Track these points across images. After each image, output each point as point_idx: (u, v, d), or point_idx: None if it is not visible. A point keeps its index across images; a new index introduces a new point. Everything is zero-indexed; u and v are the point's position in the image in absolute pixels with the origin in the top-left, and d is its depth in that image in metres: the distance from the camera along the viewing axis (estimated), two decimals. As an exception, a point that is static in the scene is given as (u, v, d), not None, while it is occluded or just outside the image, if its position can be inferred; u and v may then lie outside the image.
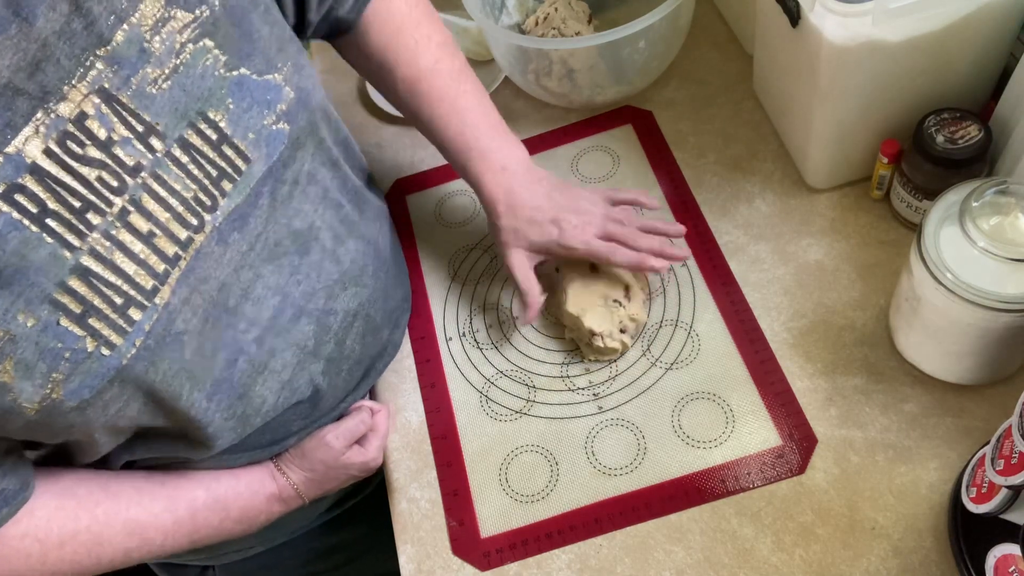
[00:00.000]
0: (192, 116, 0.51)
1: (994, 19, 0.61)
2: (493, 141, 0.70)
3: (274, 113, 0.55)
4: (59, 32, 0.44)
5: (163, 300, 0.50)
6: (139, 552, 0.59)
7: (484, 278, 0.80)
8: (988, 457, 0.50)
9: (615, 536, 0.63)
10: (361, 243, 0.68)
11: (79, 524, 0.56)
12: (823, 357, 0.67)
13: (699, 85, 0.87)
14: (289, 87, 0.56)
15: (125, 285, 0.48)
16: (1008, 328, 0.54)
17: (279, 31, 0.57)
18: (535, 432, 0.69)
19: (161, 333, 0.50)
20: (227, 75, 0.52)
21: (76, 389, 0.47)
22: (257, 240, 0.56)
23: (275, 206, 0.57)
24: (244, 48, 0.53)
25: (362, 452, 0.69)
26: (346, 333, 0.67)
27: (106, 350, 0.48)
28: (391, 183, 0.89)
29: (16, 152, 0.43)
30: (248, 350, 0.58)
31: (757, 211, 0.76)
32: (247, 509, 0.66)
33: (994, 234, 0.52)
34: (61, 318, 0.46)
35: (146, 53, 0.48)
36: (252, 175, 0.55)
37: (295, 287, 0.60)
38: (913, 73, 0.64)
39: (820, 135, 0.69)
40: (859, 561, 0.58)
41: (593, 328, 0.69)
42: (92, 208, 0.47)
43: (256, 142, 0.54)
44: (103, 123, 0.47)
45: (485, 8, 0.86)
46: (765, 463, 0.63)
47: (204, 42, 0.51)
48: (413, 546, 0.66)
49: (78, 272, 0.46)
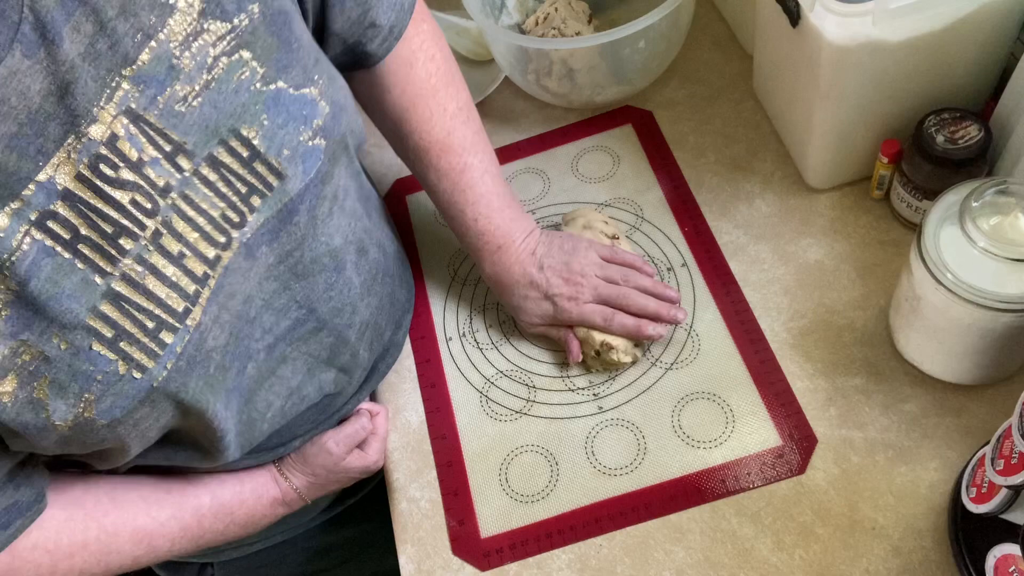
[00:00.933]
0: (223, 133, 0.49)
1: (994, 19, 0.61)
2: (490, 222, 0.70)
3: (310, 129, 0.53)
4: (84, 54, 0.43)
5: (195, 321, 0.50)
6: (147, 558, 0.60)
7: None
8: (988, 457, 0.50)
9: (615, 536, 0.63)
10: (377, 250, 0.68)
11: (88, 535, 0.56)
12: (823, 357, 0.67)
13: (699, 85, 0.87)
14: (324, 101, 0.54)
15: (157, 309, 0.48)
16: (1008, 328, 0.54)
17: (312, 40, 0.55)
18: (535, 432, 0.69)
19: (193, 353, 0.50)
20: (263, 89, 0.50)
21: (108, 409, 0.47)
22: (288, 256, 0.55)
23: (315, 224, 0.56)
24: (283, 59, 0.51)
25: (363, 456, 0.69)
26: (360, 343, 0.67)
27: (137, 373, 0.48)
28: (391, 183, 0.89)
29: (48, 179, 0.43)
30: (257, 357, 0.57)
31: (757, 211, 0.76)
32: (251, 513, 0.66)
33: (994, 234, 0.52)
34: (93, 343, 0.46)
35: (175, 70, 0.46)
36: (286, 192, 0.53)
37: (326, 304, 0.60)
38: (913, 73, 0.64)
39: (820, 135, 0.69)
40: (859, 561, 0.58)
41: (609, 341, 0.68)
42: (125, 233, 0.46)
43: (292, 159, 0.52)
44: (133, 144, 0.46)
45: (485, 8, 0.86)
46: (765, 463, 0.63)
47: (240, 54, 0.49)
48: (413, 546, 0.66)
49: (110, 297, 0.46)
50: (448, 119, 0.69)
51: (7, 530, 0.51)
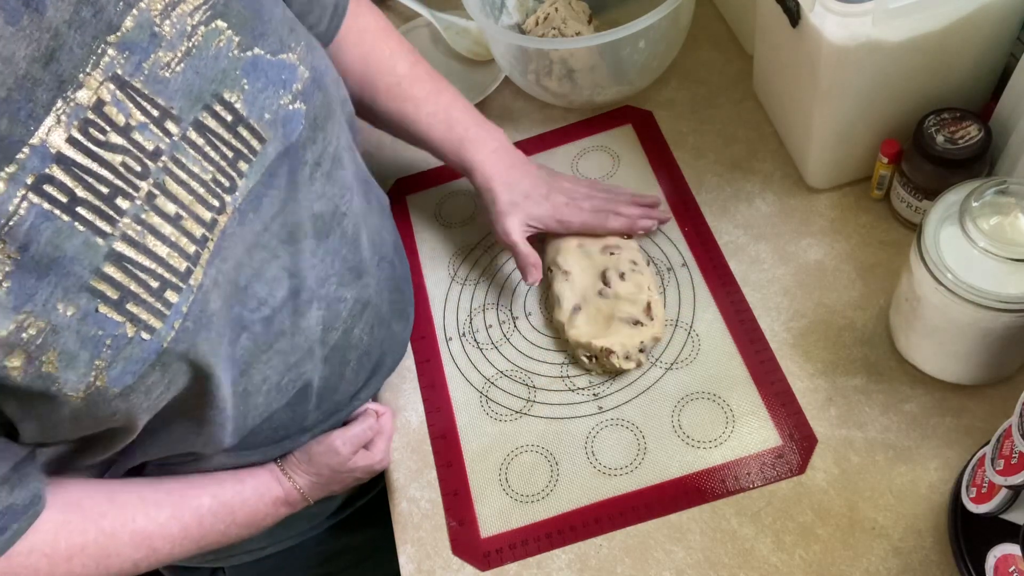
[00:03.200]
0: (207, 99, 0.50)
1: (994, 19, 0.61)
2: (481, 129, 0.75)
3: (290, 93, 0.55)
4: (69, 21, 0.44)
5: (197, 281, 0.50)
6: (147, 562, 0.59)
7: (484, 278, 0.80)
8: (988, 457, 0.50)
9: (615, 536, 0.63)
10: (373, 233, 0.69)
11: (86, 537, 0.55)
12: (823, 357, 0.67)
13: (699, 85, 0.87)
14: (304, 66, 0.56)
15: (160, 268, 0.48)
16: (1008, 328, 0.54)
17: (288, 14, 0.57)
18: (535, 432, 0.69)
19: (198, 314, 0.50)
20: (241, 56, 0.52)
21: (119, 376, 0.47)
22: (273, 221, 0.56)
23: (296, 187, 0.57)
24: (257, 28, 0.53)
25: (368, 456, 0.69)
26: (354, 322, 0.66)
27: (146, 334, 0.47)
28: (391, 183, 0.89)
29: (41, 143, 0.43)
30: (252, 328, 0.57)
31: (757, 211, 0.76)
32: (253, 513, 0.66)
33: (994, 234, 0.52)
34: (100, 305, 0.46)
35: (157, 37, 0.48)
36: (267, 155, 0.54)
37: (310, 271, 0.60)
38: (913, 73, 0.64)
39: (820, 135, 0.69)
40: (859, 561, 0.58)
41: (612, 347, 0.68)
42: (120, 193, 0.47)
43: (272, 122, 0.54)
44: (120, 109, 0.47)
45: (485, 8, 0.86)
46: (765, 463, 0.63)
47: (216, 23, 0.50)
48: (413, 546, 0.66)
49: (112, 258, 0.46)
50: (408, 54, 0.75)
51: (3, 535, 0.50)
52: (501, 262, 0.80)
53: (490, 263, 0.80)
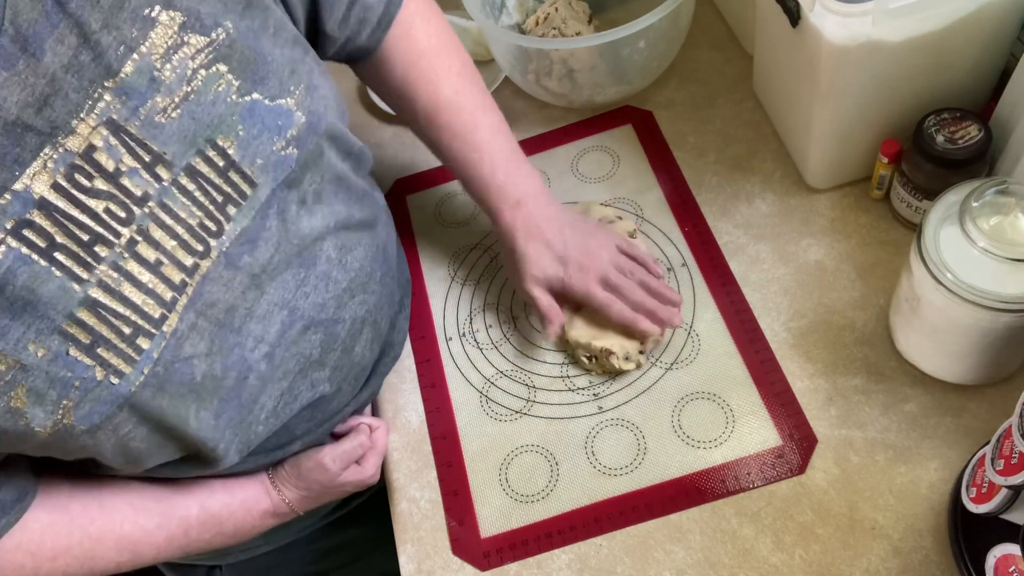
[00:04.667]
0: (201, 144, 0.50)
1: (994, 19, 0.61)
2: (509, 177, 0.70)
3: (284, 139, 0.54)
4: (67, 66, 0.43)
5: (171, 328, 0.50)
6: (131, 564, 0.61)
7: (484, 278, 0.80)
8: (988, 457, 0.50)
9: (615, 536, 0.63)
10: (371, 249, 0.67)
11: (72, 540, 0.56)
12: (823, 357, 0.67)
13: (699, 85, 0.87)
14: (300, 111, 0.55)
15: (134, 315, 0.48)
16: (1008, 328, 0.54)
17: (290, 52, 0.55)
18: (535, 432, 0.69)
19: (170, 359, 0.50)
20: (239, 100, 0.51)
21: (86, 415, 0.48)
22: (270, 261, 0.56)
23: (285, 226, 0.56)
24: (258, 71, 0.52)
25: (359, 471, 0.69)
26: (354, 340, 0.66)
27: (115, 379, 0.48)
28: (391, 183, 0.89)
29: (24, 188, 0.43)
30: (258, 367, 0.57)
31: (757, 211, 0.76)
32: (240, 524, 0.66)
33: (994, 234, 0.52)
34: (71, 348, 0.46)
35: (156, 82, 0.47)
36: (257, 199, 0.54)
37: (303, 299, 0.60)
38: (913, 73, 0.64)
39: (820, 135, 0.69)
40: (859, 561, 0.58)
41: (612, 348, 0.68)
42: (100, 240, 0.46)
43: (264, 167, 0.53)
44: (111, 154, 0.46)
45: (485, 8, 0.86)
46: (765, 463, 0.63)
47: (217, 67, 0.50)
48: (413, 546, 0.66)
49: (87, 304, 0.46)
50: (454, 78, 0.69)
51: None
52: (501, 262, 0.80)
53: (490, 263, 0.80)
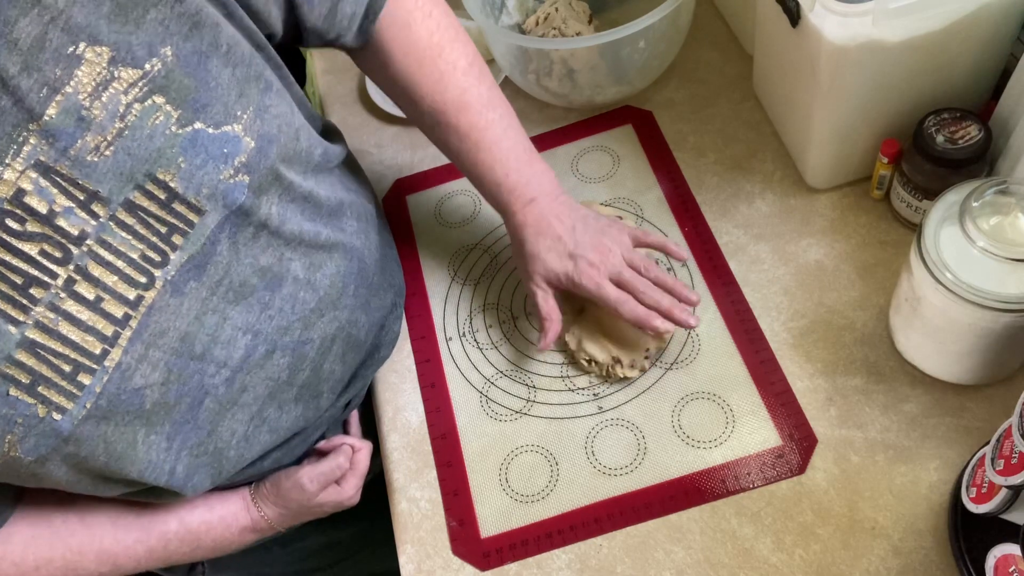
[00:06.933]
0: (139, 179, 0.48)
1: (994, 19, 0.61)
2: (521, 176, 0.68)
3: (231, 167, 0.51)
4: None
5: (113, 362, 0.50)
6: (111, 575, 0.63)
7: (484, 278, 0.80)
8: (988, 457, 0.50)
9: (615, 536, 0.63)
10: (342, 263, 0.65)
11: (54, 552, 0.58)
12: (823, 357, 0.67)
13: (699, 85, 0.87)
14: (249, 137, 0.52)
15: (73, 353, 0.48)
16: (1008, 328, 0.54)
17: (243, 71, 0.52)
18: (535, 432, 0.69)
19: (115, 392, 0.50)
20: (179, 132, 0.49)
21: (32, 448, 0.48)
22: (219, 285, 0.54)
23: (237, 249, 0.55)
24: (200, 99, 0.49)
25: (338, 492, 0.69)
26: (323, 358, 0.65)
27: (57, 415, 0.48)
28: (391, 183, 0.89)
29: None
30: (215, 392, 0.57)
31: (757, 211, 0.76)
32: (219, 540, 0.67)
33: (994, 234, 0.52)
34: (11, 389, 0.46)
35: (85, 121, 0.45)
36: (206, 226, 0.52)
37: (267, 323, 0.59)
38: (913, 73, 0.64)
39: (820, 135, 0.69)
40: (859, 561, 0.58)
41: (620, 356, 0.68)
42: (35, 283, 0.46)
43: (211, 196, 0.51)
44: (43, 196, 0.45)
45: (485, 8, 0.86)
46: (765, 463, 0.63)
47: (153, 99, 0.47)
48: (413, 546, 0.66)
49: (24, 345, 0.46)
50: (460, 76, 0.67)
51: None
52: (501, 262, 0.80)
53: (490, 263, 0.80)
